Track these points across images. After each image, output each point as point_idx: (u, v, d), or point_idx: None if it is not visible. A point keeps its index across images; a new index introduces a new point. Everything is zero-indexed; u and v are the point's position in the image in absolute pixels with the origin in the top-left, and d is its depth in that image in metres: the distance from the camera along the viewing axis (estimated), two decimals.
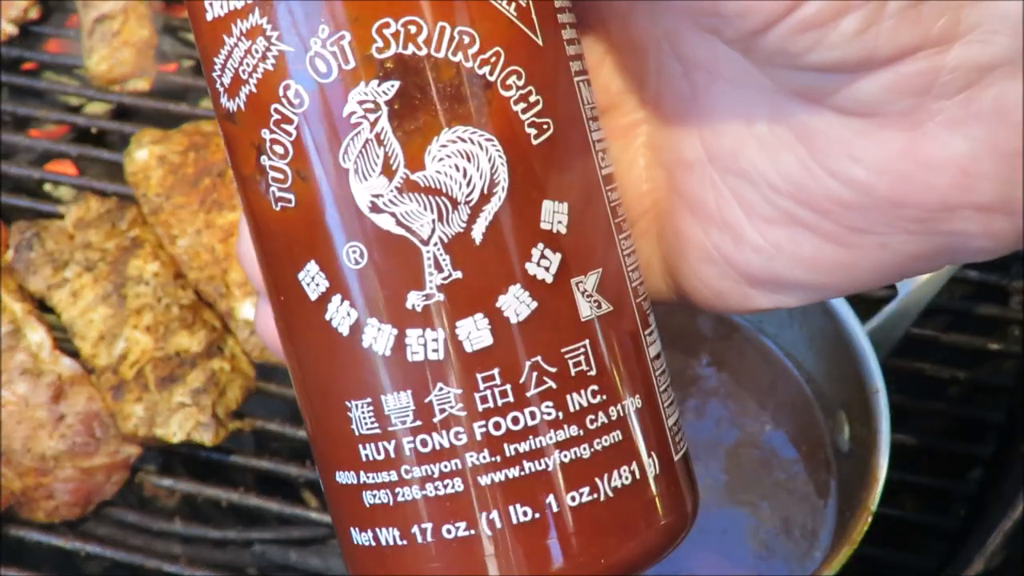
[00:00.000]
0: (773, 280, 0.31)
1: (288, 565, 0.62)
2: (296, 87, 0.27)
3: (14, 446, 0.61)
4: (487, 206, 0.28)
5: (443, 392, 0.28)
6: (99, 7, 0.76)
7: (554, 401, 0.28)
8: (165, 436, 0.60)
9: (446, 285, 0.28)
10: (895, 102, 0.26)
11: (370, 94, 0.27)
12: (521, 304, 0.28)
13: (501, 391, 0.28)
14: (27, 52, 0.81)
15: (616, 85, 0.33)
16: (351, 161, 0.27)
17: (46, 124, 0.80)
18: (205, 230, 0.66)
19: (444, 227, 0.28)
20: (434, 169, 0.27)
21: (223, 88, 0.29)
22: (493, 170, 0.28)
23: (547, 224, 0.28)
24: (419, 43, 0.27)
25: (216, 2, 0.28)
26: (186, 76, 0.80)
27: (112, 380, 0.62)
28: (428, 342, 0.28)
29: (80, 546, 0.62)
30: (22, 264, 0.67)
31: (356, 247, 0.28)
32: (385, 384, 0.28)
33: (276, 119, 0.28)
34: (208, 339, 0.63)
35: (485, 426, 0.28)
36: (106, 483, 0.63)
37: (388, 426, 0.28)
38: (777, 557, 0.56)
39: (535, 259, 0.28)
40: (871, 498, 0.51)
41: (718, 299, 0.32)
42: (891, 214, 0.28)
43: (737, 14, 0.26)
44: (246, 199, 0.30)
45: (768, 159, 0.29)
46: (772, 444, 0.59)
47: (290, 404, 0.67)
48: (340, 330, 0.28)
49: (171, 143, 0.69)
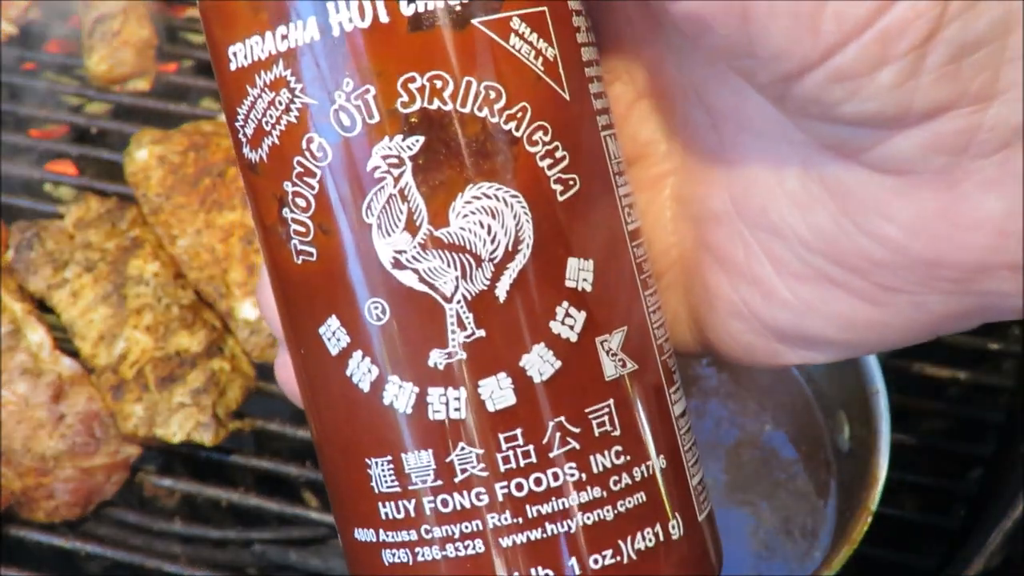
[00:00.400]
0: (803, 337, 0.30)
1: (288, 565, 0.62)
2: (319, 140, 0.27)
3: (14, 446, 0.61)
4: (512, 263, 0.27)
5: (465, 452, 0.28)
6: (99, 7, 0.76)
7: (577, 462, 0.28)
8: (165, 436, 0.60)
9: (469, 343, 0.27)
10: (931, 160, 0.25)
11: (394, 149, 0.27)
12: (545, 363, 0.28)
13: (524, 452, 0.27)
14: (27, 52, 0.81)
15: (643, 136, 0.33)
16: (374, 216, 0.27)
17: (46, 124, 0.80)
18: (205, 230, 0.66)
19: (468, 284, 0.27)
20: (458, 226, 0.27)
21: (246, 138, 0.29)
22: (518, 227, 0.27)
23: (572, 282, 0.28)
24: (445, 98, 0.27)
25: (240, 52, 0.28)
26: (186, 76, 0.80)
27: (112, 380, 0.62)
28: (450, 401, 0.27)
29: (80, 546, 0.62)
30: (22, 264, 0.67)
31: (378, 303, 0.28)
32: (406, 442, 0.28)
33: (299, 172, 0.28)
34: (208, 339, 0.63)
35: (507, 487, 0.27)
36: (106, 483, 0.63)
37: (408, 485, 0.28)
38: (777, 557, 0.56)
39: (560, 317, 0.28)
40: (871, 498, 0.51)
41: (746, 354, 0.32)
42: (925, 274, 0.27)
43: (772, 56, 0.25)
44: (267, 250, 0.30)
45: (799, 215, 0.29)
46: (772, 444, 0.59)
47: (290, 404, 0.67)
48: (361, 386, 0.28)
49: (171, 143, 0.69)
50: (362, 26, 0.26)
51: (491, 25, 0.27)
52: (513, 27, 0.27)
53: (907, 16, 0.24)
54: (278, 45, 0.27)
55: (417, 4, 0.26)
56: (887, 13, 0.24)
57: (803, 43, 0.25)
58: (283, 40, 0.27)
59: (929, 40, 0.24)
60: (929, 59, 0.24)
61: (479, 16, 0.27)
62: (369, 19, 0.26)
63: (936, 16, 0.24)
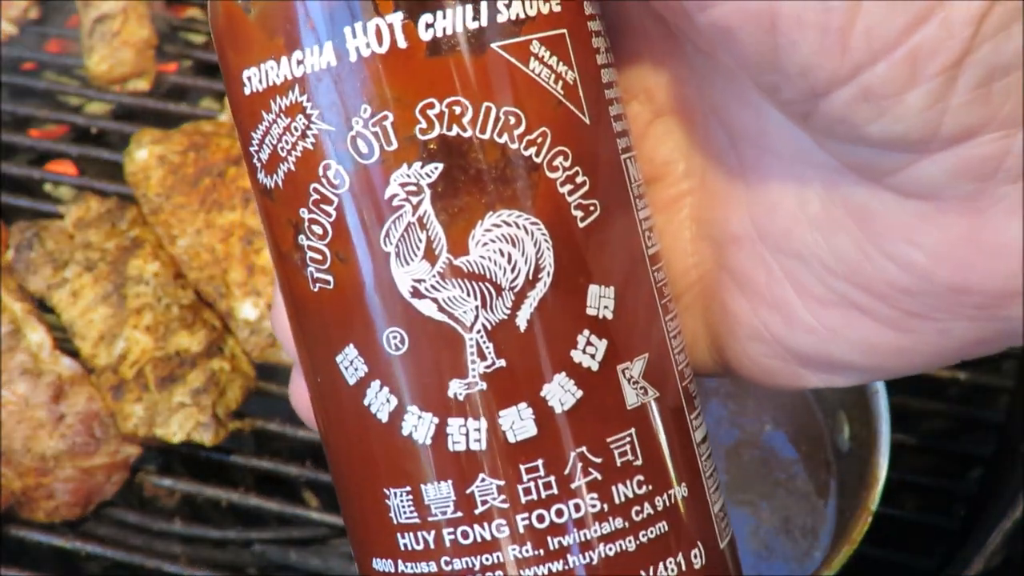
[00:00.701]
0: (826, 361, 0.30)
1: (288, 565, 0.62)
2: (336, 167, 0.27)
3: (14, 446, 0.61)
4: (532, 292, 0.27)
5: (485, 483, 0.27)
6: (99, 7, 0.76)
7: (599, 492, 0.27)
8: (165, 436, 0.60)
9: (489, 373, 0.27)
10: (958, 186, 0.25)
11: (413, 176, 0.26)
12: (566, 393, 0.27)
13: (545, 483, 0.27)
14: (27, 52, 0.81)
15: (661, 156, 0.32)
16: (392, 245, 0.27)
17: (46, 124, 0.80)
18: (205, 230, 0.66)
19: (487, 314, 0.27)
20: (478, 254, 0.27)
21: (260, 164, 0.28)
22: (539, 255, 0.27)
23: (593, 309, 0.27)
24: (463, 124, 0.26)
25: (255, 77, 0.28)
26: (186, 76, 0.80)
27: (112, 380, 0.62)
28: (470, 432, 0.27)
29: (80, 546, 0.62)
30: (22, 264, 0.67)
31: (396, 333, 0.27)
32: (425, 473, 0.27)
33: (315, 199, 0.27)
34: (208, 339, 0.63)
35: (528, 518, 0.27)
36: (106, 483, 0.63)
37: (428, 516, 0.28)
38: (777, 557, 0.56)
39: (581, 346, 0.27)
40: (871, 498, 0.51)
41: (767, 376, 0.31)
42: (951, 300, 0.27)
43: (799, 71, 0.25)
44: (283, 276, 0.29)
45: (822, 239, 0.28)
46: (772, 444, 0.59)
47: (290, 404, 0.67)
48: (379, 416, 0.28)
49: (171, 143, 0.69)
50: (379, 51, 0.26)
51: (510, 49, 0.27)
52: (532, 51, 0.27)
53: (939, 36, 0.23)
54: (294, 70, 0.27)
55: (435, 29, 0.26)
56: (918, 32, 0.24)
57: (832, 58, 0.24)
58: (299, 65, 0.27)
59: (960, 62, 0.24)
60: (960, 81, 0.24)
61: (498, 40, 0.26)
62: (387, 44, 0.26)
63: (968, 37, 0.23)
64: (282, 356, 0.64)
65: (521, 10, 0.27)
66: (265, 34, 0.27)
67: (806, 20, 0.24)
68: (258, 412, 0.65)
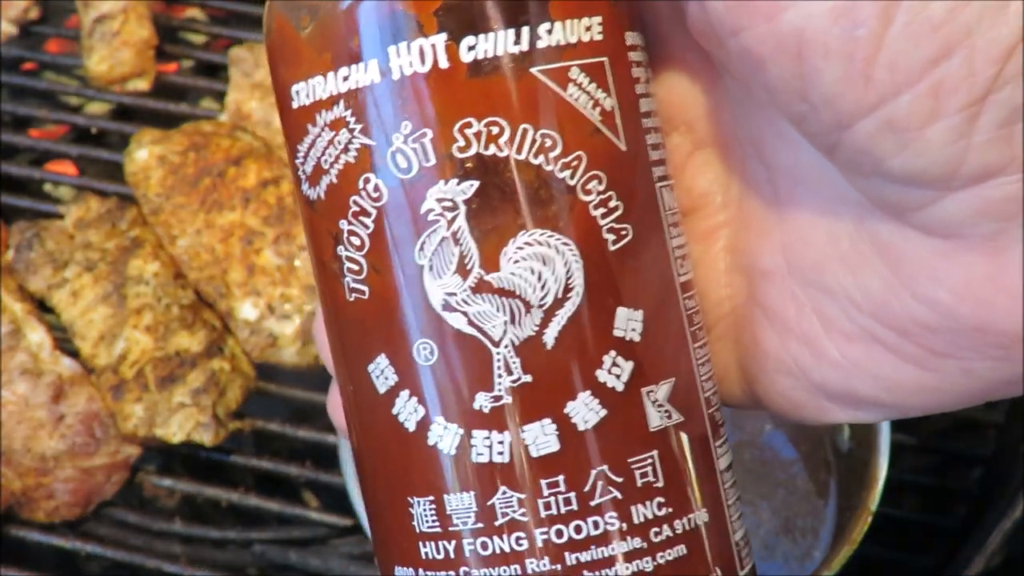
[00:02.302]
0: (851, 397, 0.30)
1: (288, 565, 0.62)
2: (376, 181, 0.28)
3: (14, 446, 0.61)
4: (561, 311, 0.27)
5: (506, 496, 0.28)
6: (99, 7, 0.76)
7: (619, 512, 0.28)
8: (165, 436, 0.60)
9: (515, 388, 0.27)
10: (980, 225, 0.25)
11: (449, 192, 0.27)
12: (590, 411, 0.28)
13: (565, 499, 0.27)
14: (27, 52, 0.81)
15: (700, 187, 0.32)
16: (426, 258, 0.27)
17: (46, 124, 0.80)
18: (205, 230, 0.66)
19: (516, 329, 0.27)
20: (509, 271, 0.27)
21: (305, 175, 0.29)
22: (569, 275, 0.27)
23: (621, 331, 0.28)
24: (500, 144, 0.27)
25: (302, 91, 0.28)
26: (186, 76, 0.80)
27: (112, 380, 0.62)
28: (494, 444, 0.28)
29: (80, 546, 0.62)
30: (22, 264, 0.67)
31: (427, 344, 0.28)
32: (449, 483, 0.28)
33: (355, 211, 0.28)
34: (208, 339, 0.63)
35: (547, 533, 0.27)
36: (106, 483, 0.63)
37: (450, 526, 0.28)
38: (777, 557, 0.56)
39: (607, 366, 0.28)
40: (871, 498, 0.51)
41: (794, 410, 0.31)
42: (975, 340, 0.27)
43: (824, 101, 0.25)
44: (323, 286, 0.30)
45: (851, 275, 0.28)
46: (772, 444, 0.59)
47: (290, 404, 0.67)
48: (407, 426, 0.28)
49: (171, 143, 0.69)
50: (422, 71, 0.27)
51: (550, 74, 0.27)
52: (571, 77, 0.27)
53: (962, 72, 0.23)
54: (339, 86, 0.28)
55: (477, 51, 0.27)
56: (942, 66, 0.24)
57: (855, 88, 0.24)
58: (344, 81, 0.27)
59: (983, 100, 0.24)
60: (982, 119, 0.24)
61: (538, 64, 0.27)
62: (429, 64, 0.27)
63: (991, 76, 0.23)
64: (282, 356, 0.64)
65: (562, 37, 0.27)
66: (314, 50, 0.28)
67: (831, 48, 0.24)
68: (258, 412, 0.65)
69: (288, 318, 0.63)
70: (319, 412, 0.65)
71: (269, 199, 0.66)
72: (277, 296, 0.64)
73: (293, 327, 0.63)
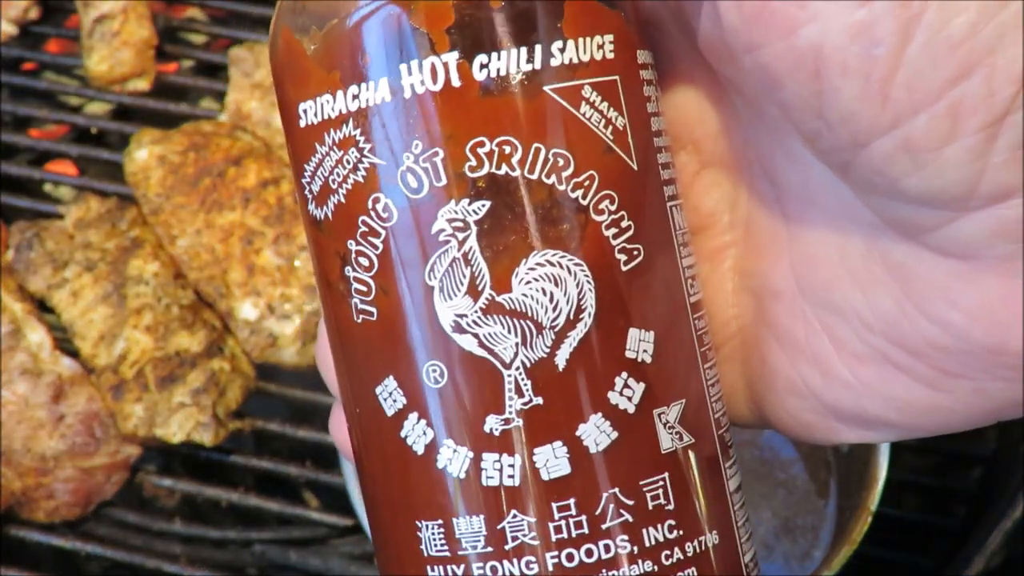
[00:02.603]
0: (862, 417, 0.30)
1: (288, 565, 0.62)
2: (385, 201, 0.27)
3: (14, 446, 0.61)
4: (572, 332, 0.27)
5: (517, 519, 0.27)
6: (99, 7, 0.76)
7: (630, 535, 0.27)
8: (165, 436, 0.60)
9: (526, 411, 0.27)
10: (995, 246, 0.25)
11: (460, 212, 0.27)
12: (601, 434, 0.27)
13: (576, 522, 0.27)
14: (27, 52, 0.81)
15: (707, 206, 0.32)
16: (436, 279, 0.27)
17: (46, 124, 0.80)
18: (205, 230, 0.66)
19: (527, 351, 0.27)
20: (520, 292, 0.27)
21: (312, 195, 0.29)
22: (580, 296, 0.27)
23: (632, 353, 0.28)
24: (513, 163, 0.27)
25: (310, 110, 0.28)
26: (186, 76, 0.80)
27: (112, 380, 0.62)
28: (504, 468, 0.27)
29: (80, 546, 0.62)
30: (22, 264, 0.67)
31: (436, 366, 0.27)
32: (458, 507, 0.28)
33: (363, 231, 0.28)
34: (208, 339, 0.63)
35: (558, 557, 0.27)
36: (106, 483, 0.63)
37: (459, 550, 0.28)
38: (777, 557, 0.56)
39: (618, 388, 0.27)
40: (871, 498, 0.51)
41: (804, 430, 0.31)
42: (988, 361, 0.27)
43: (841, 119, 0.25)
44: (328, 306, 0.30)
45: (862, 296, 0.28)
46: (772, 444, 0.59)
47: (290, 404, 0.67)
48: (415, 449, 0.28)
49: (171, 143, 0.69)
50: (434, 89, 0.26)
51: (563, 93, 0.27)
52: (584, 95, 0.27)
53: (981, 92, 0.23)
54: (349, 105, 0.27)
55: (489, 69, 0.26)
56: (960, 86, 0.23)
57: (873, 107, 0.24)
58: (354, 100, 0.27)
59: (1001, 120, 0.23)
60: (1000, 140, 0.24)
61: (551, 83, 0.27)
62: (441, 82, 0.26)
63: (1010, 97, 0.23)
64: (282, 356, 0.64)
65: (575, 55, 0.27)
66: (323, 69, 0.27)
67: (850, 67, 0.24)
68: (258, 412, 0.65)
69: (288, 318, 0.63)
70: (319, 412, 0.65)
71: (269, 199, 0.66)
72: (277, 296, 0.64)
73: (293, 327, 0.63)
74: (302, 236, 0.65)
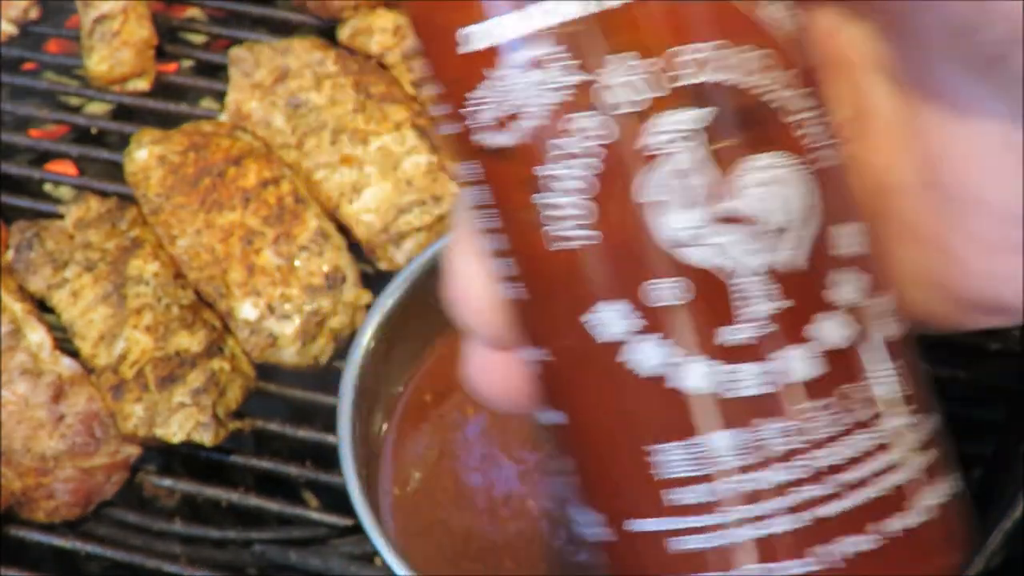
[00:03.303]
0: (998, 305, 0.30)
1: (288, 565, 0.62)
2: (592, 118, 0.26)
3: (14, 446, 0.61)
4: (803, 233, 0.27)
5: (767, 428, 0.27)
6: (99, 7, 0.76)
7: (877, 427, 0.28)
8: (165, 436, 0.60)
9: (763, 317, 0.27)
10: None
11: (679, 123, 0.26)
12: (843, 329, 0.27)
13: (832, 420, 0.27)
14: (27, 52, 0.81)
15: None
16: (659, 194, 0.26)
17: (46, 124, 0.80)
18: (205, 230, 0.66)
19: (759, 257, 0.26)
20: (746, 198, 0.26)
21: (481, 124, 0.27)
22: (806, 196, 0.27)
23: (856, 247, 0.28)
24: (727, 68, 0.26)
25: (477, 33, 0.26)
26: (186, 76, 0.80)
27: (112, 380, 0.62)
28: (746, 377, 0.27)
29: (80, 546, 0.62)
30: (22, 264, 0.67)
31: (660, 284, 0.27)
32: (698, 424, 0.27)
33: (563, 153, 0.26)
34: (208, 339, 0.63)
35: (815, 458, 0.27)
36: (106, 483, 0.63)
37: (702, 469, 0.27)
38: None
39: (850, 283, 0.27)
40: None
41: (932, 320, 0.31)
42: None
43: (1004, 16, 0.24)
44: (512, 240, 0.28)
45: (996, 187, 0.28)
46: None
47: (290, 404, 0.67)
48: (640, 372, 0.27)
49: (171, 143, 0.69)
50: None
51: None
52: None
53: None
54: (538, 21, 0.26)
55: None
56: None
57: None
58: (545, 16, 0.26)
59: None
60: None
61: None
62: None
63: None
64: (282, 356, 0.64)
65: None
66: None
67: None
68: (258, 412, 0.65)
69: (288, 318, 0.63)
70: (319, 412, 0.65)
71: (269, 199, 0.66)
72: (277, 296, 0.64)
73: (293, 327, 0.63)
74: (302, 236, 0.65)
